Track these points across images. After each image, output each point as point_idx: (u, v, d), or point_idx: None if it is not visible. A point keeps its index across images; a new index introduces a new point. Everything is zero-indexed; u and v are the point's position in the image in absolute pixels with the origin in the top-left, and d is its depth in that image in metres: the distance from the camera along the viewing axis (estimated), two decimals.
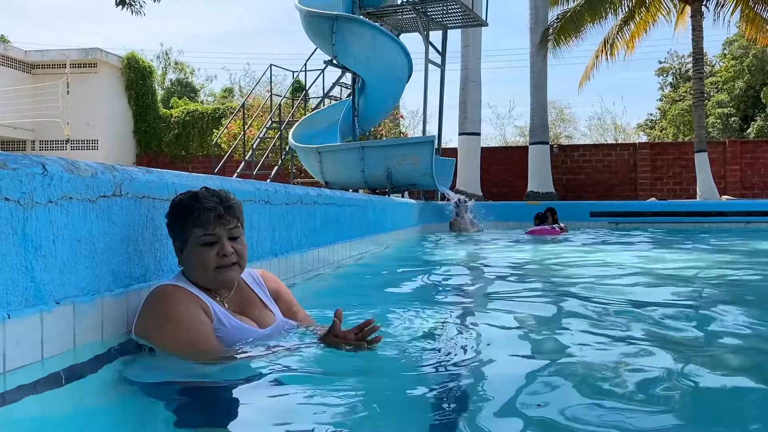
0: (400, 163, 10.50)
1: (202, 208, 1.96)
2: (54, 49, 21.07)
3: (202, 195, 2.01)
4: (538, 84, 17.64)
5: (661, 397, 1.70)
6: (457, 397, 1.72)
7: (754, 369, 2.06)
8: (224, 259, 1.98)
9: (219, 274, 1.99)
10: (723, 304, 3.24)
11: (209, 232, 1.97)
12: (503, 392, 1.74)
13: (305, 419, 1.51)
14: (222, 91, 33.92)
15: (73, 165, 1.83)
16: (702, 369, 1.98)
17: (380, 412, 1.59)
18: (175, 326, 1.89)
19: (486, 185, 17.80)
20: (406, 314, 2.73)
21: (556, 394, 1.72)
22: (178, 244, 2.03)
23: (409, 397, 1.69)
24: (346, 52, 11.02)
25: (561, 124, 36.35)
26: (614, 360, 2.07)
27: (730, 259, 5.95)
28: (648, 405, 1.63)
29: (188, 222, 1.97)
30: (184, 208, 2.00)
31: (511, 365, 2.07)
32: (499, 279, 4.64)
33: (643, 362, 2.04)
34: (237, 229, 2.04)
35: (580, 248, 7.21)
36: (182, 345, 1.87)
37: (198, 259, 1.98)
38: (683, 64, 32.43)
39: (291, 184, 4.87)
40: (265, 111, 16.22)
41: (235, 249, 2.01)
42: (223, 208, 1.99)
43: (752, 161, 19.10)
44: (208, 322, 1.94)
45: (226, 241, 2.00)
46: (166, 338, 1.89)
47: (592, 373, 1.92)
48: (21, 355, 1.59)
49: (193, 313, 1.91)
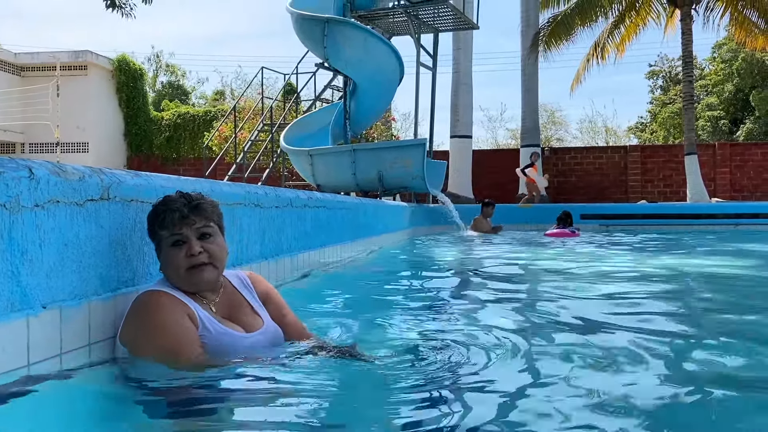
0: (392, 165, 10.50)
1: (168, 210, 1.97)
2: (44, 52, 20.97)
3: (170, 198, 2.02)
4: (530, 87, 17.71)
5: (657, 402, 1.70)
6: (448, 404, 1.72)
7: (748, 368, 2.07)
8: (193, 259, 1.96)
9: (191, 275, 1.97)
10: (714, 305, 3.26)
11: (175, 232, 1.96)
12: (494, 395, 1.74)
13: (290, 426, 1.51)
14: (213, 94, 33.83)
15: (60, 168, 1.82)
16: (696, 370, 1.99)
17: (367, 418, 1.59)
18: (160, 333, 1.87)
19: (477, 188, 17.84)
20: (394, 318, 2.73)
21: (548, 403, 1.72)
22: (156, 248, 2.04)
23: (399, 403, 1.69)
24: (338, 54, 11.03)
25: (552, 126, 36.51)
26: (607, 361, 2.07)
27: (719, 261, 5.99)
28: (642, 411, 1.64)
29: (156, 225, 1.99)
30: (152, 213, 2.02)
31: (504, 369, 2.07)
32: (489, 281, 4.65)
33: (636, 366, 2.05)
34: (208, 228, 2.01)
35: (577, 251, 7.24)
36: (166, 352, 1.85)
37: (169, 260, 1.98)
38: (673, 67, 32.63)
39: (282, 187, 4.86)
40: (256, 114, 16.20)
41: (206, 248, 1.99)
42: (188, 208, 1.98)
43: (741, 164, 19.23)
44: (192, 328, 1.92)
45: (195, 241, 1.98)
46: (150, 345, 1.87)
47: (586, 376, 1.93)
48: (7, 360, 1.57)
49: (178, 320, 1.90)
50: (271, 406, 1.64)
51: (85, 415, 1.64)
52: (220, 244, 2.04)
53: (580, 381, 1.88)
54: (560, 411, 1.61)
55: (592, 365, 2.04)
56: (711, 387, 1.85)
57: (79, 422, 1.58)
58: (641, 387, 1.81)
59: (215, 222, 2.05)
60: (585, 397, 1.74)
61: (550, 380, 1.88)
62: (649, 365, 2.05)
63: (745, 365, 2.13)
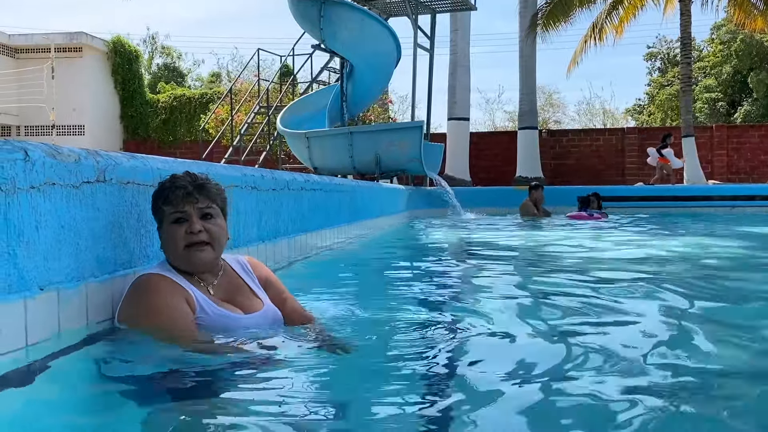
0: (389, 148, 10.47)
1: (173, 187, 1.99)
2: (38, 33, 20.78)
3: (176, 176, 2.05)
4: (527, 69, 17.62)
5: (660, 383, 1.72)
6: (447, 388, 1.73)
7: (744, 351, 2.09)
8: (192, 237, 1.98)
9: (189, 253, 1.99)
10: (710, 286, 3.28)
11: (179, 209, 1.98)
12: (493, 377, 1.76)
13: (285, 408, 1.52)
14: (209, 76, 33.61)
15: (56, 150, 1.82)
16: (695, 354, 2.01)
17: (362, 402, 1.60)
18: (155, 316, 1.90)
19: (474, 171, 17.81)
20: (390, 302, 2.74)
21: (548, 388, 1.73)
22: (157, 225, 2.06)
23: (396, 387, 1.70)
24: (334, 36, 10.95)
25: (550, 109, 36.40)
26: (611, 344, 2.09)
27: (715, 242, 6.01)
28: (644, 392, 1.65)
29: (160, 201, 2.01)
30: (158, 189, 2.04)
31: (503, 351, 2.08)
32: (487, 263, 4.67)
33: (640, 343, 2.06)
34: (211, 209, 2.03)
35: (569, 234, 7.25)
36: (162, 336, 1.87)
37: (168, 237, 2.00)
38: (671, 48, 32.48)
39: (278, 170, 4.86)
40: (252, 96, 16.11)
41: (207, 228, 2.00)
42: (193, 186, 2.00)
43: (738, 146, 19.23)
44: (189, 312, 1.94)
45: (196, 219, 1.99)
46: (145, 327, 1.90)
47: (587, 362, 1.94)
48: (5, 341, 1.58)
49: (174, 304, 1.91)
50: (268, 389, 1.65)
51: (83, 395, 1.65)
52: (220, 226, 2.06)
53: (578, 361, 1.89)
54: (563, 396, 1.62)
55: (588, 345, 2.06)
56: (705, 369, 1.87)
57: (77, 403, 1.59)
58: (642, 375, 1.82)
59: (218, 205, 2.07)
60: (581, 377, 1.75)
61: (552, 371, 1.89)
62: (652, 350, 2.06)
63: (746, 349, 2.15)
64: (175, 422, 1.44)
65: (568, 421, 1.48)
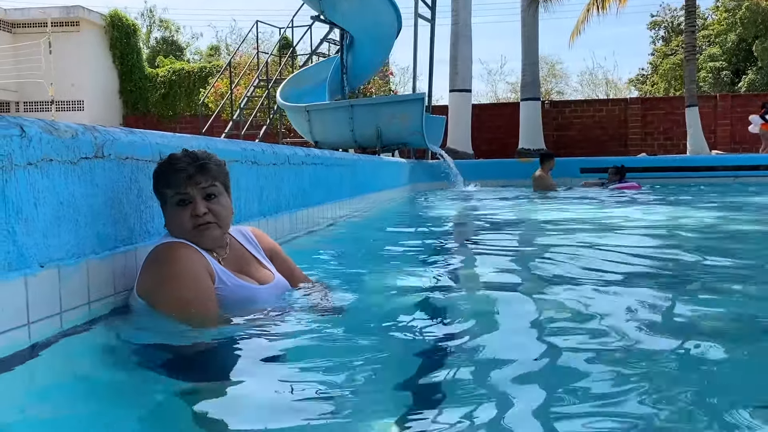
0: (390, 121, 10.38)
1: (173, 169, 1.96)
2: (35, 8, 20.56)
3: (176, 156, 2.00)
4: (530, 39, 17.42)
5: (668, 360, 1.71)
6: (447, 363, 1.73)
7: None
8: (198, 219, 1.95)
9: (197, 233, 1.97)
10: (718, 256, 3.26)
11: (181, 191, 1.96)
12: (493, 355, 1.75)
13: (302, 381, 1.51)
14: (208, 49, 33.33)
15: (53, 126, 1.79)
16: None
17: (376, 376, 1.59)
18: (177, 284, 1.86)
19: (477, 143, 17.72)
20: (394, 274, 2.73)
21: (552, 364, 1.72)
22: (161, 206, 2.03)
23: (409, 362, 1.70)
24: (334, 7, 10.80)
25: (552, 79, 36.13)
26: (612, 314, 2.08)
27: (718, 213, 5.99)
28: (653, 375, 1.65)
29: (161, 183, 1.98)
30: (158, 171, 2.01)
31: (503, 327, 2.08)
32: (489, 233, 4.66)
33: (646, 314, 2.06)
34: (213, 188, 2.00)
35: (575, 205, 7.23)
36: (183, 304, 1.84)
37: (173, 219, 1.98)
38: (675, 17, 32.06)
39: (279, 144, 4.82)
40: (252, 69, 15.96)
41: (211, 209, 1.98)
42: (195, 168, 1.96)
43: (743, 116, 19.06)
44: (210, 284, 1.92)
45: (200, 200, 1.97)
46: (167, 296, 1.86)
47: (589, 338, 1.93)
48: (6, 319, 1.57)
49: (197, 273, 1.89)
50: (283, 359, 1.65)
51: (87, 372, 1.65)
52: (224, 204, 2.04)
53: (586, 345, 1.89)
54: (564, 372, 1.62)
55: (587, 317, 2.05)
56: (702, 338, 1.86)
57: (81, 380, 1.59)
58: (640, 348, 1.81)
59: (221, 182, 2.04)
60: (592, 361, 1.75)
61: (552, 345, 1.89)
62: (649, 321, 2.05)
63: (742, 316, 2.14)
64: (181, 400, 1.44)
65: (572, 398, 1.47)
